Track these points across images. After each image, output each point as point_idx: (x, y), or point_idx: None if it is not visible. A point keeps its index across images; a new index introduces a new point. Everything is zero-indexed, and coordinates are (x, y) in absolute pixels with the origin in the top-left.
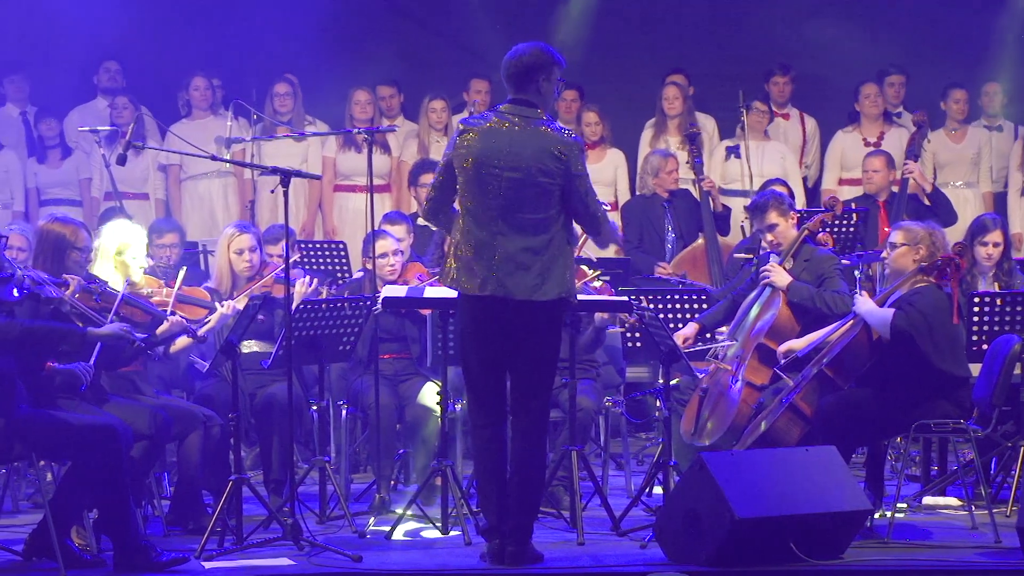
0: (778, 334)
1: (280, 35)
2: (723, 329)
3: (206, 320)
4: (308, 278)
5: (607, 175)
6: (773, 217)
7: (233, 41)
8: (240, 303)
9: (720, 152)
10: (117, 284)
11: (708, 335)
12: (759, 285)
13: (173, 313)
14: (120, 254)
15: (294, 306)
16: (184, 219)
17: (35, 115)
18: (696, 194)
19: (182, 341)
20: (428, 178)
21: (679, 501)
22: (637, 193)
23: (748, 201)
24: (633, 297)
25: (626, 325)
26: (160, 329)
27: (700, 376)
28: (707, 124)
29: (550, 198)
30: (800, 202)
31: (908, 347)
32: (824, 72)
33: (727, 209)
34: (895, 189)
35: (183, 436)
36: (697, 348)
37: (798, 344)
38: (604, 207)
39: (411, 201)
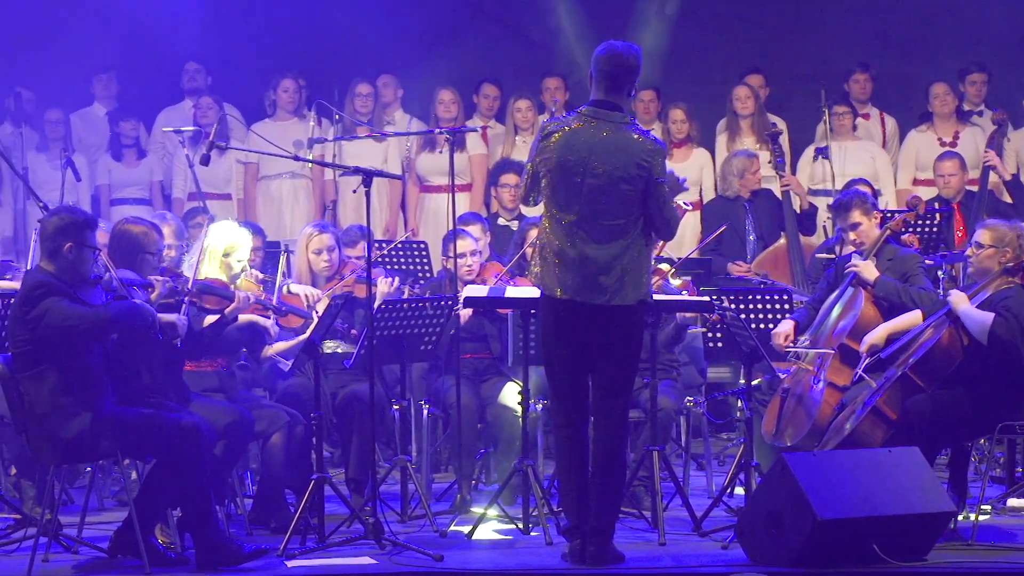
0: (861, 334)
1: (362, 34)
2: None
3: (303, 329)
4: (390, 278)
5: (692, 174)
6: (857, 216)
7: (316, 40)
8: (321, 304)
9: (807, 153)
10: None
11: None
12: (844, 281)
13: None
14: (227, 255)
15: (376, 304)
16: (257, 218)
17: (115, 113)
18: (779, 194)
19: (278, 346)
20: (509, 178)
21: (761, 502)
22: (719, 194)
23: (832, 201)
24: (714, 297)
25: (707, 325)
26: (228, 308)
27: (782, 376)
28: (779, 125)
29: (631, 204)
30: (892, 201)
31: (1003, 352)
32: (905, 70)
33: (813, 207)
34: (972, 188)
35: (266, 435)
36: (793, 348)
37: (877, 337)
38: (687, 207)
39: (494, 201)
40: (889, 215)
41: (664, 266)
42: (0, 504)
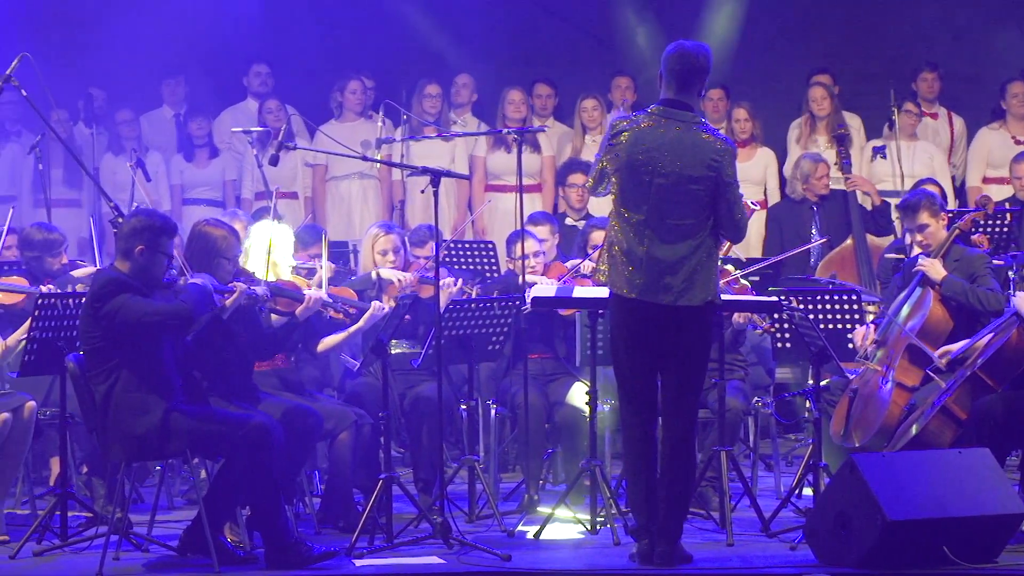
0: (930, 334)
1: (428, 35)
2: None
3: (357, 320)
4: (452, 278)
5: (757, 174)
6: (924, 217)
7: (383, 41)
8: (388, 304)
9: (867, 152)
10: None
11: None
12: (911, 282)
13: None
14: (268, 253)
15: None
16: (326, 218)
17: (185, 115)
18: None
19: (329, 340)
20: (576, 178)
21: (829, 503)
22: (787, 195)
23: (898, 201)
24: (783, 297)
25: (763, 328)
26: (299, 310)
27: (850, 377)
28: (853, 122)
29: (700, 204)
30: (948, 202)
31: None
32: (974, 70)
33: (885, 204)
34: None
35: (334, 435)
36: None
37: (956, 347)
38: (754, 206)
39: (561, 201)
40: (957, 215)
41: (730, 267)
42: (72, 502)
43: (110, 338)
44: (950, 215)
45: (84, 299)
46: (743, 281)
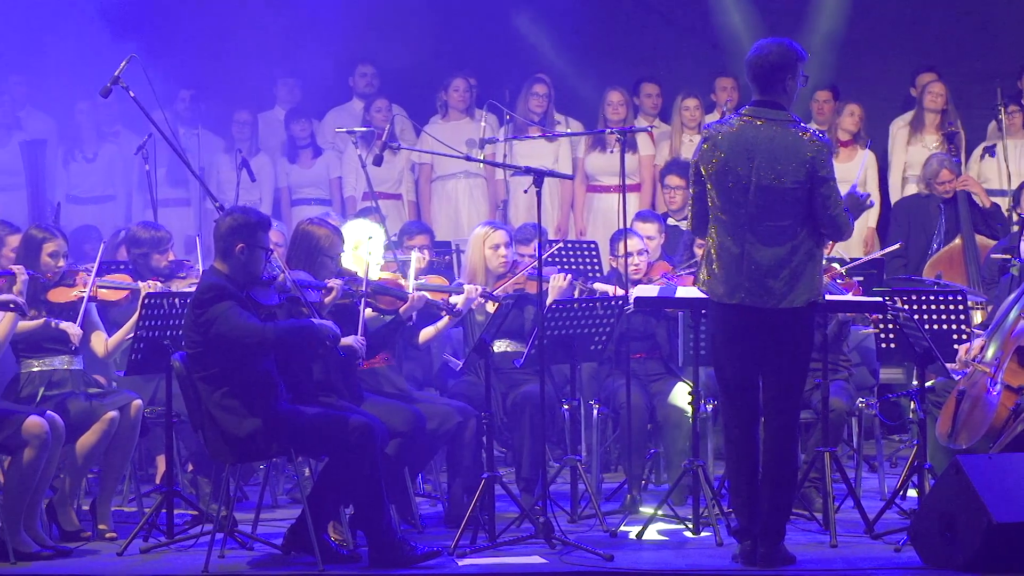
0: None
1: (533, 35)
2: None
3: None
4: (563, 274)
5: (854, 175)
6: None
7: (488, 41)
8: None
9: (978, 152)
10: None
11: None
12: (1022, 283)
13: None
14: (356, 249)
15: (549, 300)
16: (431, 218)
17: (287, 116)
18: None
19: (426, 333)
20: (676, 180)
21: (934, 504)
22: (916, 191)
23: (1005, 201)
24: (887, 297)
25: (878, 324)
26: (403, 308)
27: (957, 378)
28: (956, 124)
29: (797, 204)
30: None
31: None
32: None
33: (995, 206)
34: None
35: (437, 433)
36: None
37: None
38: (870, 204)
39: (661, 201)
40: None
41: (836, 266)
42: (177, 500)
43: (208, 344)
44: None
45: (189, 300)
46: (848, 278)
